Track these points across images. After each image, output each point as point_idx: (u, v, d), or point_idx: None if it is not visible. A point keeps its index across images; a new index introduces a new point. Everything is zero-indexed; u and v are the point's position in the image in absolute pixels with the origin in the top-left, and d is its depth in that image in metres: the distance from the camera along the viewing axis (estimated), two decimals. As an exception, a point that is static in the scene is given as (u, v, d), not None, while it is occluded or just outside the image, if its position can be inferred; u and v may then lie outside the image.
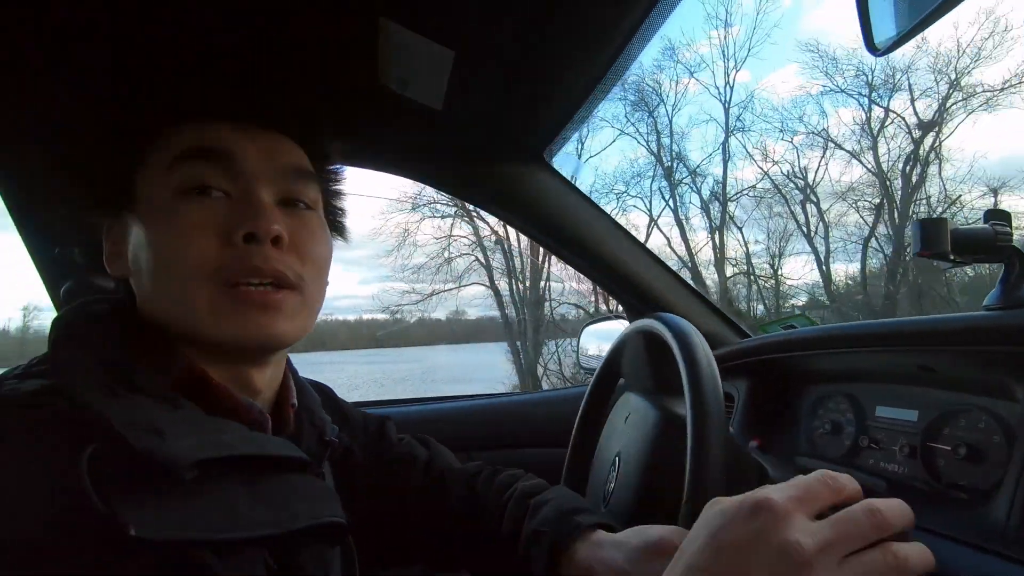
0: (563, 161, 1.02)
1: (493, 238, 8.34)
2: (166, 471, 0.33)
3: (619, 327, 1.32)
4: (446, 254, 8.44)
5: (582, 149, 9.11)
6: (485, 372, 8.50)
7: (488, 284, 8.52)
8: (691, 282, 1.16)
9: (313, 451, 0.52)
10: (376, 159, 1.03)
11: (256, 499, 0.37)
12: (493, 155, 0.94)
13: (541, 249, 8.12)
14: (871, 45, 0.46)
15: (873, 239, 7.94)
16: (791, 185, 8.26)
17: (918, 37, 0.44)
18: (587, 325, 1.50)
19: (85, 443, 0.32)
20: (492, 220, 8.07)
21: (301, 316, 0.47)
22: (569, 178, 0.99)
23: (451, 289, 8.50)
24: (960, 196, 7.62)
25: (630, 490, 0.67)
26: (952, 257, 0.56)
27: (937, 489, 0.65)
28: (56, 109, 0.69)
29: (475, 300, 8.67)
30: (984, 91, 7.46)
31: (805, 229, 8.27)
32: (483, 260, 8.54)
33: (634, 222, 8.95)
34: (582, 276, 1.13)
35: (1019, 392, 0.58)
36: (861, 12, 0.46)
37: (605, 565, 0.50)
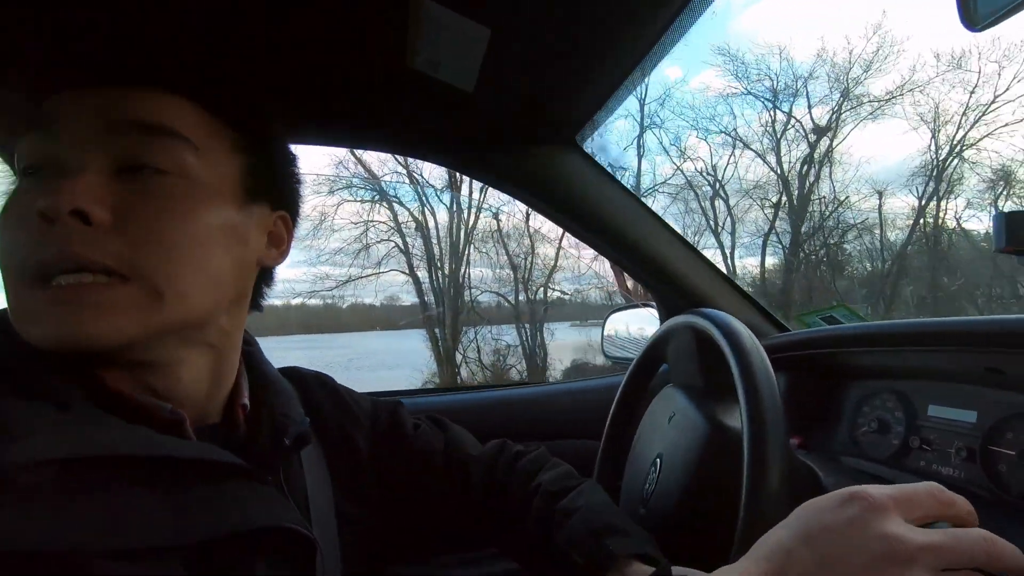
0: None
1: (412, 224, 8.26)
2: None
3: (647, 315, 1.29)
4: (364, 239, 8.28)
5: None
6: (416, 358, 8.50)
7: (407, 271, 8.43)
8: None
9: (266, 452, 0.47)
10: (399, 143, 1.00)
11: (165, 506, 0.34)
12: (526, 140, 0.91)
13: (462, 236, 8.19)
14: (969, 19, 0.41)
15: (774, 234, 8.66)
16: (703, 181, 8.86)
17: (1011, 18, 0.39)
18: (613, 312, 1.48)
19: None
20: (413, 206, 8.01)
21: (141, 310, 0.39)
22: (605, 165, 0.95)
23: (369, 275, 8.38)
24: (848, 197, 8.44)
25: (672, 496, 0.65)
26: (1028, 251, 0.52)
27: (1001, 496, 0.61)
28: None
29: (408, 286, 8.62)
30: (870, 101, 8.17)
31: (712, 224, 8.84)
32: (402, 246, 8.41)
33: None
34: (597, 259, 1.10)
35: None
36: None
37: None
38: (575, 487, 0.61)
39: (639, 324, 1.37)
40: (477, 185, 7.71)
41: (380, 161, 7.95)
